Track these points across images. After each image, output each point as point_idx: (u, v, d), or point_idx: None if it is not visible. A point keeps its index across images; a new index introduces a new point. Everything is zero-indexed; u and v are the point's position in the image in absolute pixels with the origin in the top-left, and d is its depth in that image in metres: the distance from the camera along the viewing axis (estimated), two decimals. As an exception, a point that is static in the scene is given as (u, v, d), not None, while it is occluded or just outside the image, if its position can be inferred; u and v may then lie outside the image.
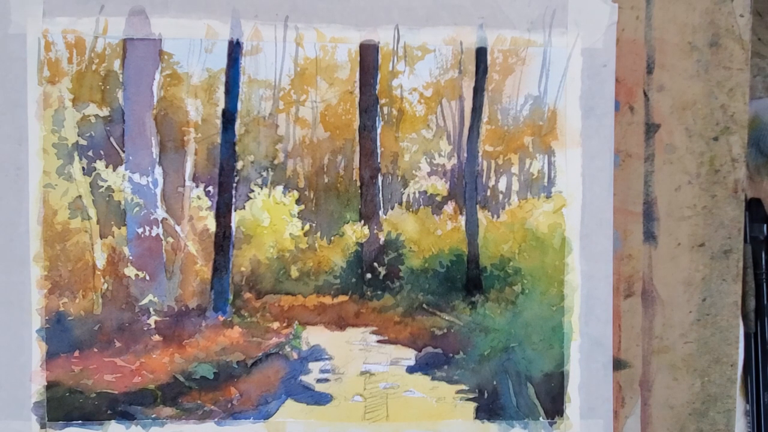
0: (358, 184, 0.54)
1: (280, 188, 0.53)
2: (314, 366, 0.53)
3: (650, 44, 0.55)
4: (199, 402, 0.53)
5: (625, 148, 0.55)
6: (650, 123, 0.55)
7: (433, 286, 0.54)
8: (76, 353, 0.52)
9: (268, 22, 0.53)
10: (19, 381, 0.52)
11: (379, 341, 0.54)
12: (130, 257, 0.52)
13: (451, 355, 0.54)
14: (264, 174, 0.53)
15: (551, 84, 0.54)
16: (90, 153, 0.52)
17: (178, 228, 0.53)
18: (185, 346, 0.53)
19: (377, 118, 0.54)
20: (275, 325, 0.53)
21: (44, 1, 0.51)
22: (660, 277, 0.56)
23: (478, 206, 0.54)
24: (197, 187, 0.53)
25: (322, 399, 0.53)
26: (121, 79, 0.52)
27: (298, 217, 0.53)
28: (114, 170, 0.52)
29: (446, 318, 0.54)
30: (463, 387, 0.54)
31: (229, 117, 0.53)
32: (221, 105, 0.53)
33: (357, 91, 0.53)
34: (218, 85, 0.53)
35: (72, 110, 0.52)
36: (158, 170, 0.53)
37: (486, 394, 0.54)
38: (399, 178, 0.54)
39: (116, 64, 0.52)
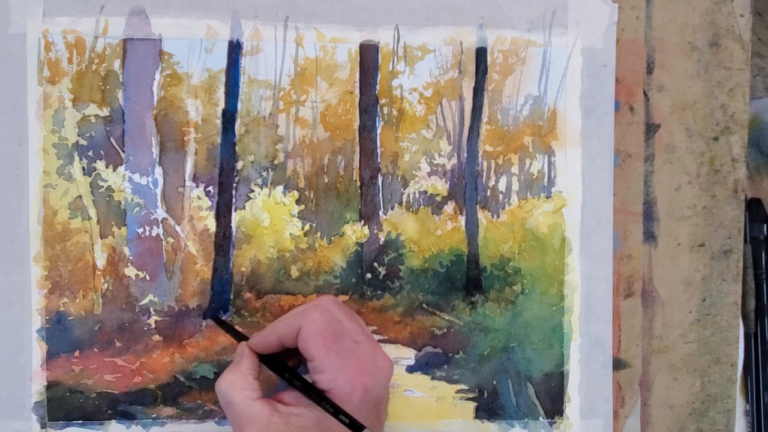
0: (358, 184, 0.54)
1: (280, 188, 0.53)
2: (314, 366, 0.53)
3: (650, 44, 0.55)
4: (199, 402, 0.53)
5: (625, 148, 0.55)
6: (650, 123, 0.55)
7: (433, 286, 0.54)
8: (77, 353, 0.52)
9: (268, 22, 0.53)
10: (19, 381, 0.52)
11: (379, 341, 0.54)
12: (131, 257, 0.53)
13: (450, 354, 0.54)
14: (264, 174, 0.53)
15: (551, 84, 0.54)
16: (90, 153, 0.52)
17: (178, 228, 0.53)
18: (185, 346, 0.53)
19: (377, 118, 0.54)
20: (275, 324, 0.53)
21: (44, 1, 0.51)
22: (660, 277, 0.56)
23: (478, 206, 0.54)
24: (197, 187, 0.53)
25: (322, 399, 0.53)
26: (121, 79, 0.52)
27: (298, 217, 0.53)
28: (114, 170, 0.52)
29: (446, 318, 0.54)
30: (463, 387, 0.54)
31: (229, 117, 0.53)
32: (221, 105, 0.53)
33: (357, 91, 0.54)
34: (218, 85, 0.53)
35: (72, 110, 0.52)
36: (158, 170, 0.53)
37: (486, 394, 0.55)
38: (399, 178, 0.54)
39: (116, 64, 0.52)
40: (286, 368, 0.45)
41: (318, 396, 0.42)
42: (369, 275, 0.54)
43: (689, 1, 0.55)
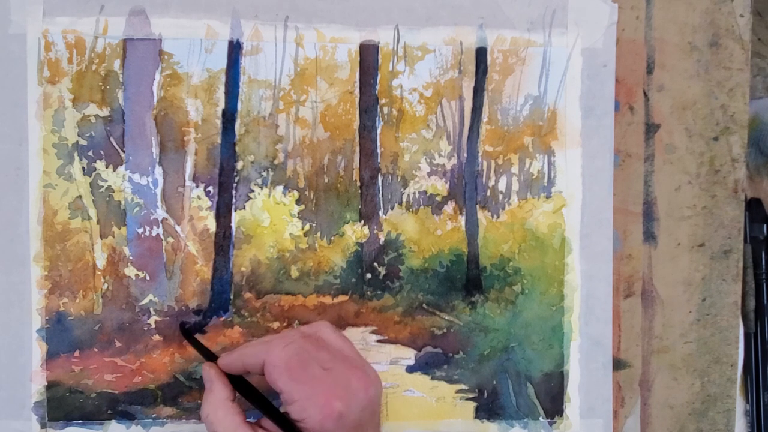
0: (358, 184, 0.54)
1: (280, 188, 0.53)
2: (314, 366, 0.53)
3: (650, 44, 0.55)
4: (199, 402, 0.53)
5: (625, 148, 0.55)
6: (650, 123, 0.55)
7: (433, 286, 0.54)
8: (77, 353, 0.52)
9: (268, 22, 0.53)
10: (19, 381, 0.52)
11: (378, 341, 0.54)
12: (131, 257, 0.53)
13: (450, 354, 0.54)
14: (264, 174, 0.53)
15: (551, 84, 0.54)
16: (90, 153, 0.52)
17: (178, 228, 0.53)
18: (185, 346, 0.53)
19: (377, 118, 0.54)
20: (275, 324, 0.53)
21: (44, 1, 0.51)
22: (660, 277, 0.56)
23: (478, 206, 0.54)
24: (197, 187, 0.53)
25: (322, 399, 0.53)
26: (121, 79, 0.52)
27: (298, 217, 0.53)
28: (114, 170, 0.52)
29: (446, 318, 0.54)
30: (463, 387, 0.54)
31: (229, 117, 0.53)
32: (221, 105, 0.53)
33: (357, 91, 0.54)
34: (218, 85, 0.53)
35: (72, 110, 0.52)
36: (158, 170, 0.53)
37: (486, 394, 0.55)
38: (399, 178, 0.54)
39: (116, 64, 0.52)
40: (254, 392, 0.46)
41: (284, 423, 0.43)
42: (369, 275, 0.54)
43: (689, 1, 0.55)
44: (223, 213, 0.53)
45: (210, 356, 0.48)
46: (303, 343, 0.44)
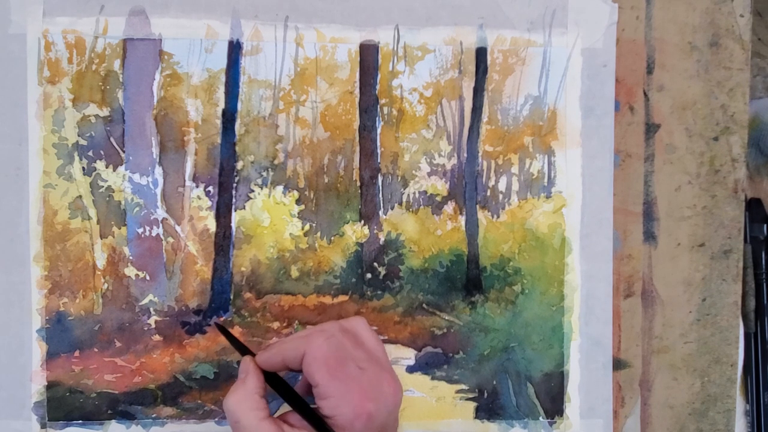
0: (358, 184, 0.54)
1: (280, 188, 0.53)
2: (314, 366, 0.53)
3: (650, 44, 0.55)
4: (199, 402, 0.53)
5: (625, 148, 0.55)
6: (650, 123, 0.55)
7: (433, 286, 0.54)
8: (77, 353, 0.52)
9: (268, 22, 0.53)
10: (19, 381, 0.52)
11: (379, 341, 0.54)
12: (131, 257, 0.53)
13: (450, 354, 0.54)
14: (264, 174, 0.53)
15: (551, 84, 0.54)
16: (90, 153, 0.52)
17: (178, 228, 0.53)
18: (185, 346, 0.53)
19: (377, 118, 0.54)
20: (275, 324, 0.53)
21: (44, 1, 0.51)
22: (660, 277, 0.56)
23: (478, 206, 0.54)
24: (197, 187, 0.53)
25: (322, 399, 0.53)
26: (121, 79, 0.52)
27: (298, 217, 0.53)
28: (114, 170, 0.52)
29: (446, 318, 0.54)
30: (463, 387, 0.54)
31: (229, 117, 0.53)
32: (221, 105, 0.53)
33: (357, 91, 0.54)
34: (218, 85, 0.53)
35: (72, 110, 0.52)
36: (158, 170, 0.53)
37: (486, 394, 0.55)
38: (399, 178, 0.54)
39: (116, 64, 0.52)
40: (287, 389, 0.45)
41: (316, 420, 0.43)
42: (369, 275, 0.54)
43: (689, 1, 0.55)
44: (223, 213, 0.53)
45: (245, 351, 0.47)
46: (342, 339, 0.44)
